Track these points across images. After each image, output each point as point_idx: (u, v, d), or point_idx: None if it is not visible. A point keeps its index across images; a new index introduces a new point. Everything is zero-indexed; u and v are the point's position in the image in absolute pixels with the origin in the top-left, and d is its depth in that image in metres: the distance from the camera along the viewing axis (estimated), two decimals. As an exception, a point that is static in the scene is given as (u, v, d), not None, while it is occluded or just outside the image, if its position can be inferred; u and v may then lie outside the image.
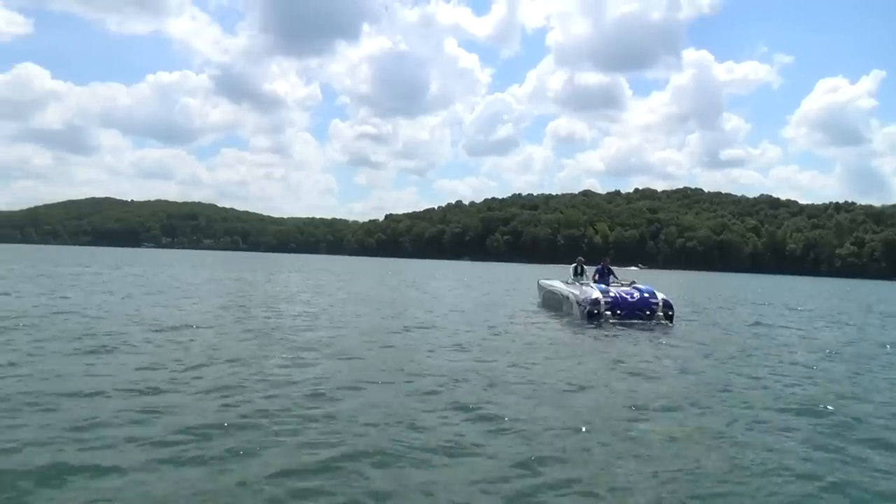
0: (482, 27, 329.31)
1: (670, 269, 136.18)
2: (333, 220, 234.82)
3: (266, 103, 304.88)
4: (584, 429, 5.67)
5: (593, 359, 9.86)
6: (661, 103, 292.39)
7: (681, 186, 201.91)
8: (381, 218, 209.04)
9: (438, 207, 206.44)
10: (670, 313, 14.74)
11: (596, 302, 14.55)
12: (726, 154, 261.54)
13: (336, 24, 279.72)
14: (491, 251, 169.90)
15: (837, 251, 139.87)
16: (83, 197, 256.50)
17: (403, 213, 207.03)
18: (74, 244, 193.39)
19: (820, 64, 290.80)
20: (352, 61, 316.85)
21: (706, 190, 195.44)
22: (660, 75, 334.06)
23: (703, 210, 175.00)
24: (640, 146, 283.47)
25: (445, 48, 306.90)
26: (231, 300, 18.56)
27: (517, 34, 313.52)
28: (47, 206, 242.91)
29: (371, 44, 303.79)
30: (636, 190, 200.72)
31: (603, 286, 15.69)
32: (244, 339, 10.50)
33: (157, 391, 6.46)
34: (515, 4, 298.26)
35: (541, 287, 20.61)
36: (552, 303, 18.50)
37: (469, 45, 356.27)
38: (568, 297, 16.46)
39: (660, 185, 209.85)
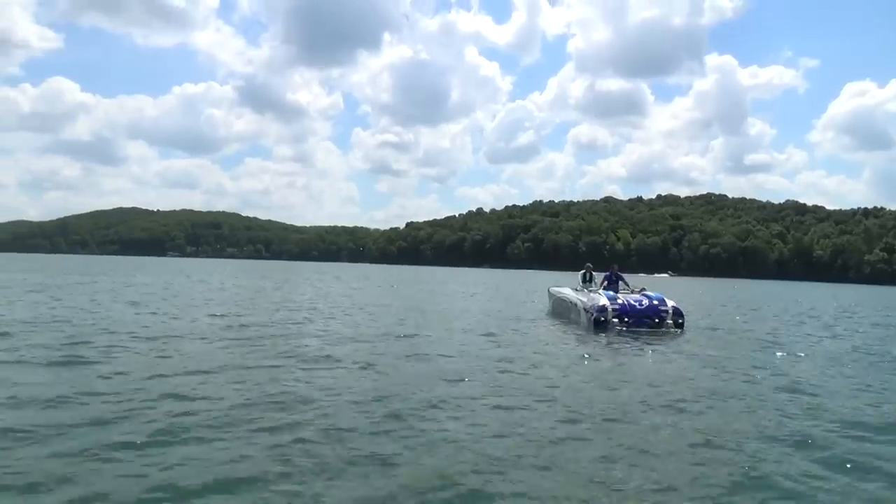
0: (503, 35, 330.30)
1: (694, 276, 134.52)
2: (355, 228, 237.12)
3: (289, 113, 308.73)
4: (521, 444, 5.37)
5: (579, 369, 9.52)
6: (684, 109, 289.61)
7: (704, 192, 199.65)
8: (403, 226, 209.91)
9: (459, 215, 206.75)
10: (680, 321, 14.43)
11: (603, 309, 14.27)
12: (751, 159, 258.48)
13: (357, 33, 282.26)
14: (512, 258, 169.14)
15: (866, 257, 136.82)
16: (110, 207, 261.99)
17: (424, 221, 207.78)
18: (102, 253, 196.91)
19: (847, 67, 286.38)
20: (373, 70, 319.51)
21: (730, 196, 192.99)
22: (682, 81, 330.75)
23: (727, 216, 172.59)
24: (663, 152, 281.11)
25: (466, 56, 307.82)
26: (231, 309, 18.47)
27: (538, 41, 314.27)
28: (76, 217, 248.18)
29: (392, 53, 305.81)
30: (658, 196, 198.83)
31: (611, 293, 15.35)
32: (224, 348, 10.35)
33: (97, 402, 6.27)
34: (536, 12, 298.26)
35: (551, 294, 20.31)
36: (561, 310, 18.21)
37: (490, 53, 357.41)
38: (576, 304, 16.19)
39: (683, 192, 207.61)
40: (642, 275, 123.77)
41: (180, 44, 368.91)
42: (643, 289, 16.05)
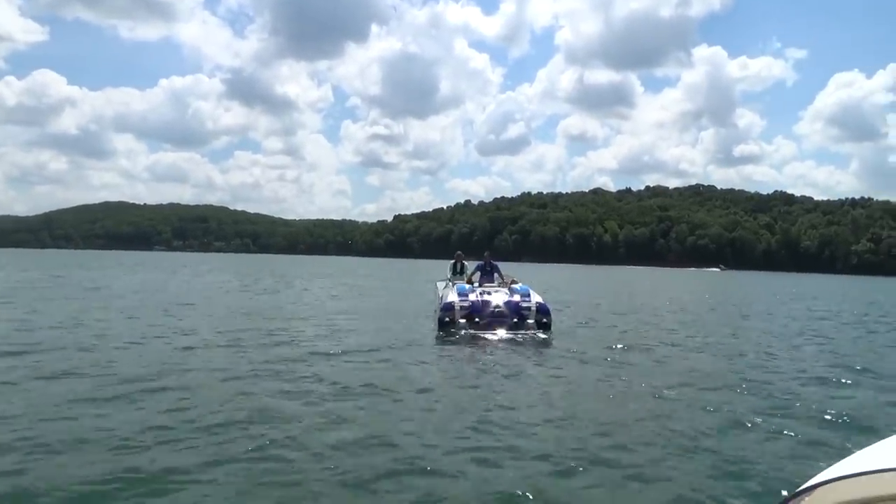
0: (491, 26, 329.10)
1: (681, 266, 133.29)
2: (343, 221, 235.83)
3: (278, 106, 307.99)
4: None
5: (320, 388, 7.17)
6: (674, 100, 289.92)
7: (694, 184, 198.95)
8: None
9: (447, 207, 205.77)
10: (545, 321, 12.13)
11: (448, 308, 12.21)
12: (740, 150, 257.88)
13: (345, 25, 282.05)
14: (499, 250, 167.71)
15: (853, 248, 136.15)
16: (97, 201, 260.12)
17: (412, 214, 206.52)
18: (87, 248, 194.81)
19: (835, 58, 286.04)
20: (362, 63, 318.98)
21: (719, 187, 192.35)
22: (671, 72, 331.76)
23: (715, 207, 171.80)
24: (654, 144, 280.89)
25: (455, 48, 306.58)
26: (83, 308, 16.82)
27: (526, 33, 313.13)
28: (61, 211, 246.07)
29: (380, 45, 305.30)
30: (647, 188, 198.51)
31: (464, 287, 13.07)
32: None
33: None
34: (524, 3, 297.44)
35: (436, 287, 17.36)
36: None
37: (479, 45, 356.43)
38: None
39: (673, 183, 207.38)
40: (692, 269, 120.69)
41: (165, 36, 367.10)
42: (513, 281, 13.75)
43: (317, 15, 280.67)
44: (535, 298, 12.56)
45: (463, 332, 11.78)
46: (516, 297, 12.52)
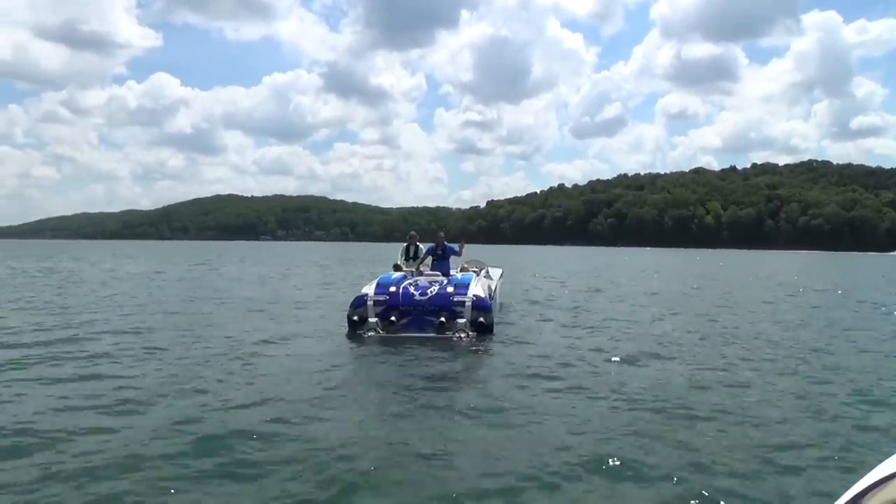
0: (583, 4, 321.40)
1: (792, 249, 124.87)
2: (437, 208, 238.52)
3: (373, 97, 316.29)
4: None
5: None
6: (782, 71, 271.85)
7: (806, 159, 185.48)
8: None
9: (540, 191, 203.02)
10: (482, 320, 9.49)
11: (359, 303, 9.74)
12: (858, 122, 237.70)
13: (435, 13, 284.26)
14: (594, 235, 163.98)
15: None
16: (210, 195, 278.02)
17: (505, 199, 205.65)
18: (200, 239, 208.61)
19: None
20: (453, 50, 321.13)
21: (835, 162, 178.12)
22: (779, 41, 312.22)
23: (830, 185, 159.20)
24: (761, 119, 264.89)
25: (547, 29, 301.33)
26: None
27: (619, 9, 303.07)
28: (178, 205, 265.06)
29: (471, 31, 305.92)
30: (754, 165, 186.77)
31: (390, 277, 10.60)
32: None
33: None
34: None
35: None
36: None
37: (571, 24, 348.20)
38: None
39: (783, 160, 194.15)
40: (872, 253, 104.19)
41: (266, 35, 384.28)
42: (463, 268, 11.38)
43: (408, 4, 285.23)
44: (473, 291, 9.89)
45: (370, 333, 9.34)
46: (449, 290, 9.85)
